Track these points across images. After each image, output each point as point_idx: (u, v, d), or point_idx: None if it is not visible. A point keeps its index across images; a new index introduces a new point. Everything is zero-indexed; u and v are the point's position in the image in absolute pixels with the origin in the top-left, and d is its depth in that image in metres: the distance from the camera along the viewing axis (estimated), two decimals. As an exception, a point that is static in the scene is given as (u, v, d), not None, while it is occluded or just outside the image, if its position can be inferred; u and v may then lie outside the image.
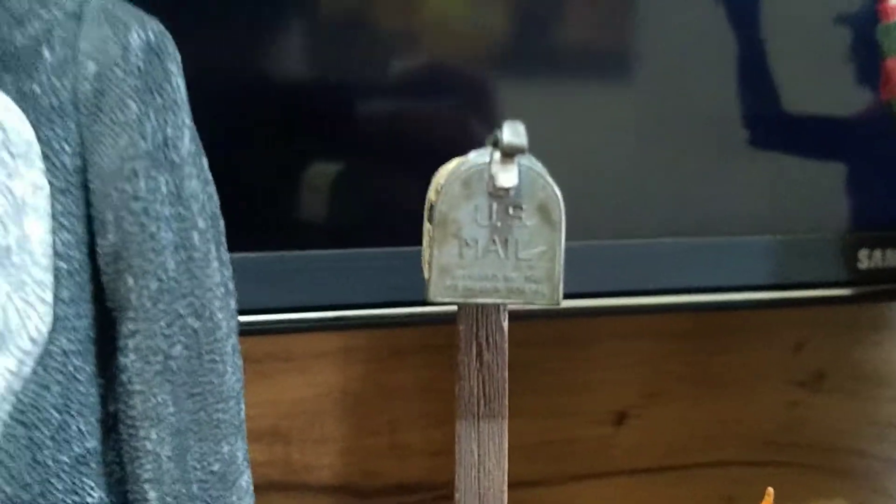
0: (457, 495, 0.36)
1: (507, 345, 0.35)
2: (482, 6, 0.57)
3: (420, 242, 0.36)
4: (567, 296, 0.65)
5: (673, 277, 0.65)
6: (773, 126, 0.65)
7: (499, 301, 0.32)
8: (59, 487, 0.29)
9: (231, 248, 0.54)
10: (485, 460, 0.35)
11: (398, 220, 0.52)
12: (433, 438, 0.69)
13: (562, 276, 0.32)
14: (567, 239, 0.64)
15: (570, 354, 0.74)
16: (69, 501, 0.30)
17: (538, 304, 0.32)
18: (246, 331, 0.59)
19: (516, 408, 0.74)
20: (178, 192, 0.30)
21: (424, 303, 0.34)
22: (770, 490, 0.47)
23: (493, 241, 0.32)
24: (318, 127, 0.57)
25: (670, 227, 0.65)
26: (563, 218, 0.32)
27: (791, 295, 0.67)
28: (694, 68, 0.62)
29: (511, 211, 0.31)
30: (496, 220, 0.31)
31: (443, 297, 0.32)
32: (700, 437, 0.74)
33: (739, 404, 0.73)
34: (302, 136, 0.57)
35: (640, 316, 0.71)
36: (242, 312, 0.59)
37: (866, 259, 0.66)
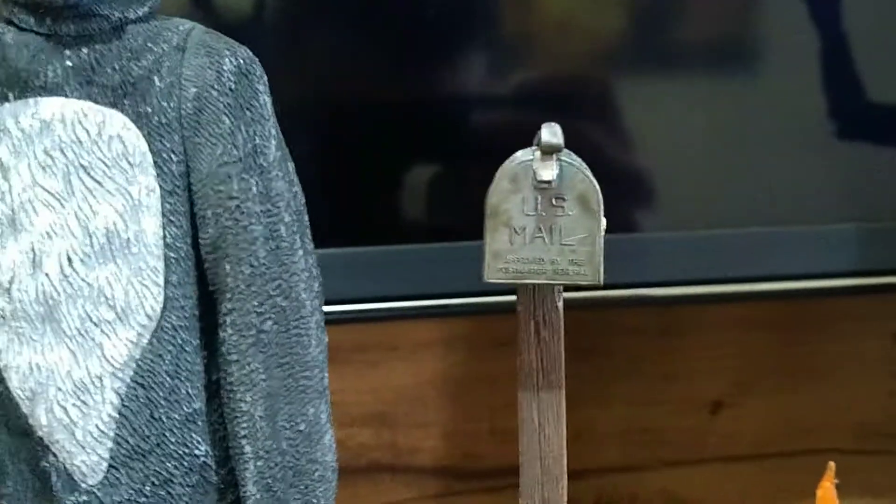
0: (521, 459, 0.41)
1: (562, 322, 0.40)
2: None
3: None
4: (666, 283, 0.68)
5: (769, 265, 0.67)
6: (859, 117, 0.66)
7: (545, 282, 0.36)
8: (172, 440, 0.36)
9: (344, 244, 0.60)
10: (545, 427, 0.40)
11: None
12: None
13: (602, 259, 0.36)
14: (663, 229, 0.67)
15: (667, 344, 0.76)
16: (180, 452, 0.36)
17: (582, 283, 0.36)
18: (357, 318, 0.65)
19: (615, 394, 0.77)
20: (267, 192, 0.35)
21: (514, 292, 0.38)
22: (831, 464, 0.49)
23: (539, 229, 0.36)
24: (427, 133, 0.63)
25: (765, 216, 0.67)
26: (602, 206, 0.36)
27: (886, 281, 0.68)
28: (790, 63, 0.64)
29: (554, 201, 0.36)
30: (541, 210, 0.36)
31: (496, 278, 0.37)
32: (796, 427, 0.74)
33: (836, 394, 0.74)
34: (414, 141, 0.63)
35: (736, 305, 0.73)
36: (354, 301, 0.65)
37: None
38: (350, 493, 0.77)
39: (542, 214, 0.36)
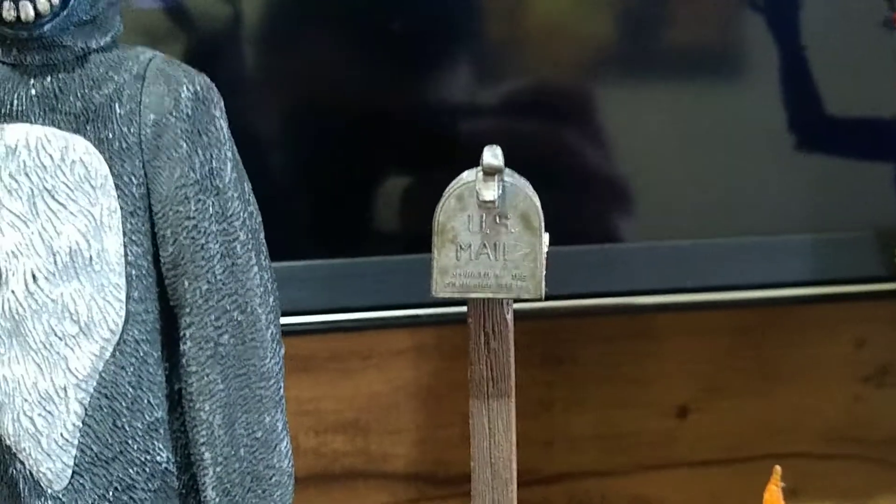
0: (472, 464, 0.43)
1: (511, 334, 0.42)
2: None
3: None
4: (636, 293, 0.70)
5: (734, 274, 0.69)
6: (819, 128, 0.68)
7: (490, 296, 0.39)
8: (134, 448, 0.38)
9: (318, 256, 0.62)
10: (495, 433, 0.42)
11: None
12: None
13: (543, 274, 0.39)
14: (631, 240, 0.69)
15: (637, 350, 0.78)
16: (142, 459, 0.38)
17: (524, 297, 0.38)
18: (331, 328, 0.67)
19: (586, 400, 0.79)
20: (223, 212, 0.38)
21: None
22: (777, 468, 0.52)
23: (484, 246, 0.39)
24: (398, 145, 0.65)
25: (729, 227, 0.69)
26: (543, 224, 0.38)
27: (850, 289, 0.70)
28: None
29: (497, 220, 0.38)
30: (486, 227, 0.38)
31: (444, 293, 0.39)
32: (763, 431, 0.76)
33: (802, 399, 0.76)
34: (387, 152, 0.65)
35: (704, 313, 0.75)
36: (328, 312, 0.67)
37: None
38: (325, 500, 0.79)
39: (487, 232, 0.38)
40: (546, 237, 0.39)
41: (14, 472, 0.37)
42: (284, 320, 0.41)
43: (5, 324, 0.36)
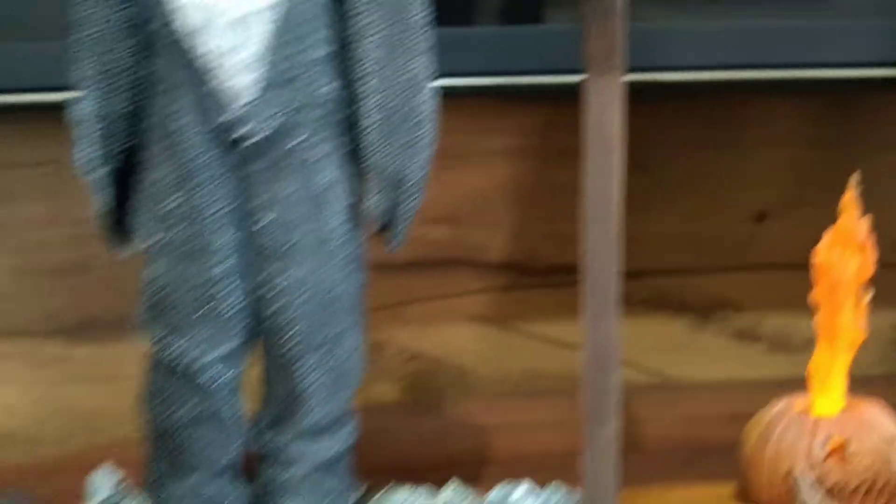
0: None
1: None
2: None
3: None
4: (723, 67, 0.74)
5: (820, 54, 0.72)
6: None
7: None
8: (305, 76, 0.46)
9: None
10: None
11: None
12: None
13: None
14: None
15: (718, 158, 0.84)
16: (311, 87, 0.46)
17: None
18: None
19: (670, 204, 0.84)
20: None
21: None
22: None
23: None
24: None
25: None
26: None
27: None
28: None
29: None
30: None
31: None
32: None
33: (878, 208, 0.80)
34: None
35: (787, 121, 0.80)
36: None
37: None
38: (426, 284, 0.86)
39: None
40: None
41: (214, 86, 0.46)
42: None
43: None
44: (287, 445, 0.50)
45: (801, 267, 0.77)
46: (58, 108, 0.77)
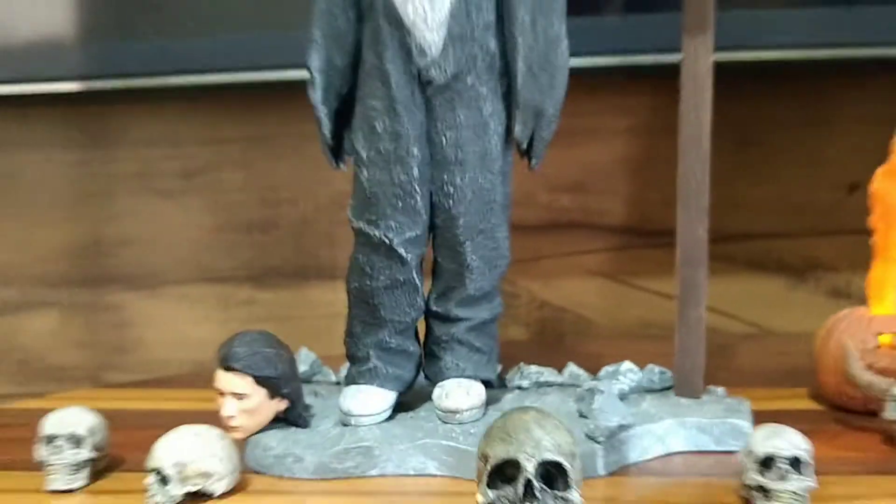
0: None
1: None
2: None
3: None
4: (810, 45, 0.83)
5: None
6: None
7: None
8: (477, 35, 0.60)
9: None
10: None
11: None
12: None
13: None
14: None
15: (814, 133, 0.92)
16: (481, 45, 0.61)
17: None
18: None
19: (768, 175, 0.91)
20: None
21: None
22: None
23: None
24: None
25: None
26: None
27: None
28: None
29: None
30: None
31: None
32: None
33: None
34: None
35: (877, 102, 0.87)
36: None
37: None
38: (552, 243, 0.98)
39: None
40: None
41: (409, 42, 0.61)
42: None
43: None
44: (453, 310, 0.65)
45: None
46: (254, 90, 0.91)
